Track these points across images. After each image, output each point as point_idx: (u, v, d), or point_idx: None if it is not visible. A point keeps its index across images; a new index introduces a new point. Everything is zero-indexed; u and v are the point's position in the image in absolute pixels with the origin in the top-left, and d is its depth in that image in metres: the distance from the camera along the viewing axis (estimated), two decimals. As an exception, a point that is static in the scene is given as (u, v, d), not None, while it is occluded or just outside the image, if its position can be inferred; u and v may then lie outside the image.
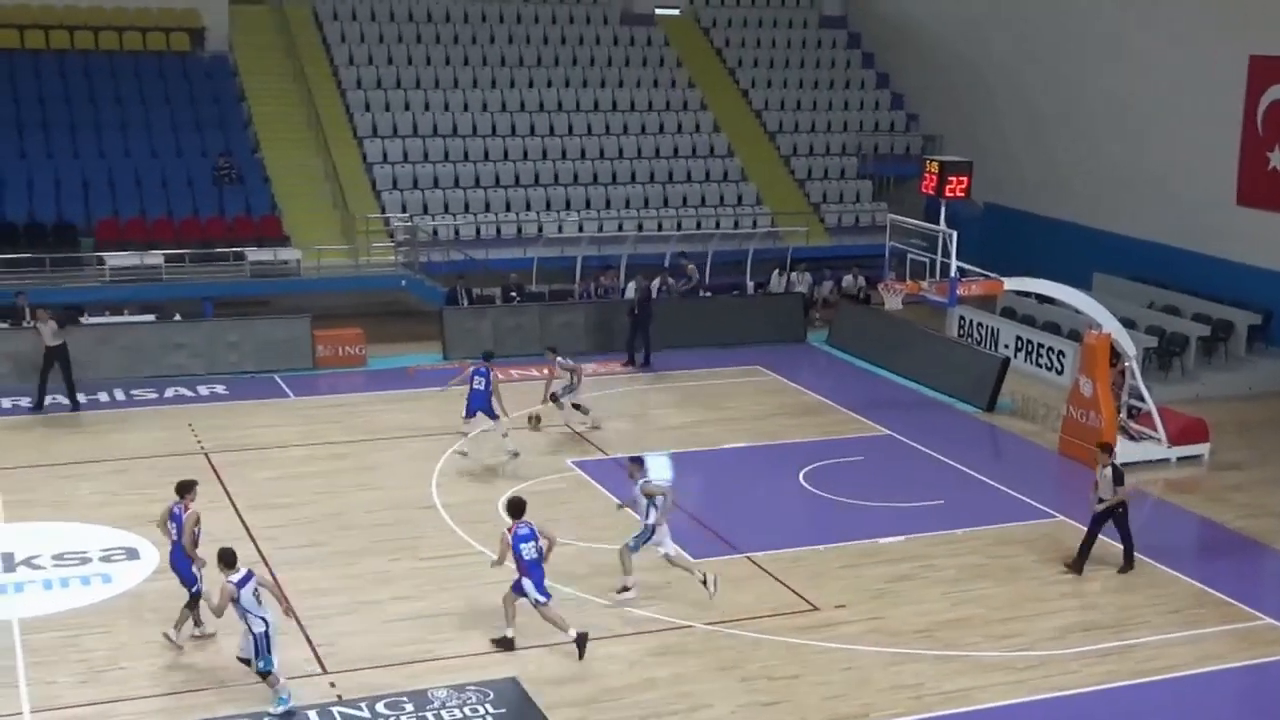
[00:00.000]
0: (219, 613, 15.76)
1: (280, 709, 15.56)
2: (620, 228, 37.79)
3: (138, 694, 16.09)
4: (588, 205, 38.75)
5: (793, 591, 19.36)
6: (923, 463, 25.52)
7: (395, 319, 34.39)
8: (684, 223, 38.71)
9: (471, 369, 24.95)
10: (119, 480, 23.24)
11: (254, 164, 37.30)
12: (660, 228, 38.23)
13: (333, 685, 16.33)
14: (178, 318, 31.73)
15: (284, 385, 29.69)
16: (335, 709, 15.68)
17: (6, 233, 33.30)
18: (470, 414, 24.58)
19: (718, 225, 38.74)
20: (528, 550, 17.16)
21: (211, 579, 16.66)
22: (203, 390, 29.22)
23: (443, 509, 22.19)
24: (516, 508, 17.55)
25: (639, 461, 19.53)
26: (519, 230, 37.31)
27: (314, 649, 17.25)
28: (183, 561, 17.21)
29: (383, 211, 36.68)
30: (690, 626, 18.11)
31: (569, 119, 41.03)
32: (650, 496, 18.82)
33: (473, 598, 18.62)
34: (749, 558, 20.54)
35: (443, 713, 15.62)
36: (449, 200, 37.64)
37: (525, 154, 39.68)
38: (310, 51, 40.91)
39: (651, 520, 18.79)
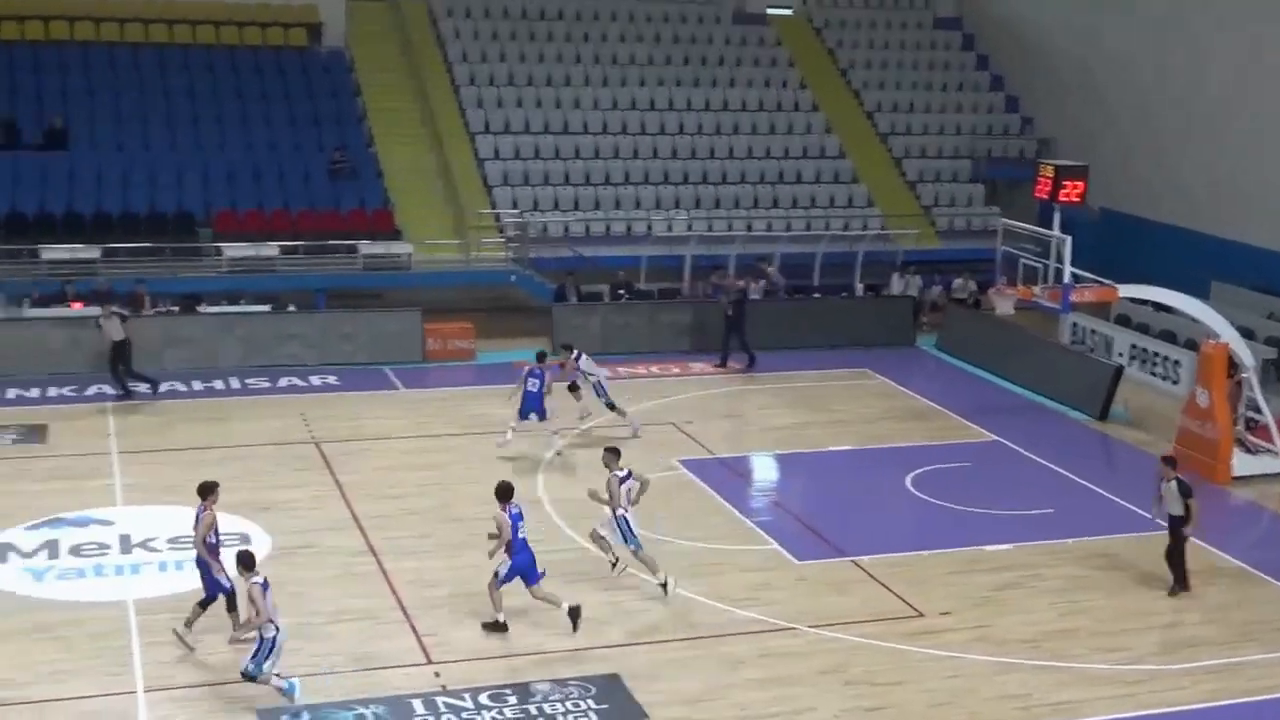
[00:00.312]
0: (258, 618, 15.46)
1: (293, 694, 15.54)
2: (729, 227, 37.74)
3: (248, 677, 16.36)
4: (697, 204, 38.77)
5: (897, 597, 19.24)
6: (1032, 470, 25.23)
7: (504, 314, 34.64)
8: (793, 224, 38.57)
9: (526, 369, 25.04)
10: (234, 467, 23.63)
11: (368, 158, 37.79)
12: (769, 228, 38.13)
13: (437, 675, 16.51)
14: (292, 309, 32.24)
15: (394, 377, 30.06)
16: (439, 699, 15.84)
17: (129, 222, 34.06)
18: (524, 415, 24.70)
19: (827, 227, 38.54)
20: (522, 529, 17.68)
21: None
22: (315, 380, 29.65)
23: (548, 504, 22.33)
24: (505, 491, 17.87)
25: (615, 453, 19.46)
26: (628, 228, 37.40)
27: (419, 639, 17.44)
28: (200, 563, 17.12)
29: (493, 207, 36.94)
30: (794, 629, 18.07)
31: (680, 118, 41.07)
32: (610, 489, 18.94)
33: (576, 593, 18.70)
34: (854, 561, 20.44)
35: (545, 706, 15.72)
36: (559, 197, 37.83)
37: (636, 152, 39.78)
38: (425, 47, 41.34)
39: (621, 510, 18.87)
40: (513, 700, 15.83)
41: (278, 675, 15.59)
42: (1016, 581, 19.95)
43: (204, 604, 17.09)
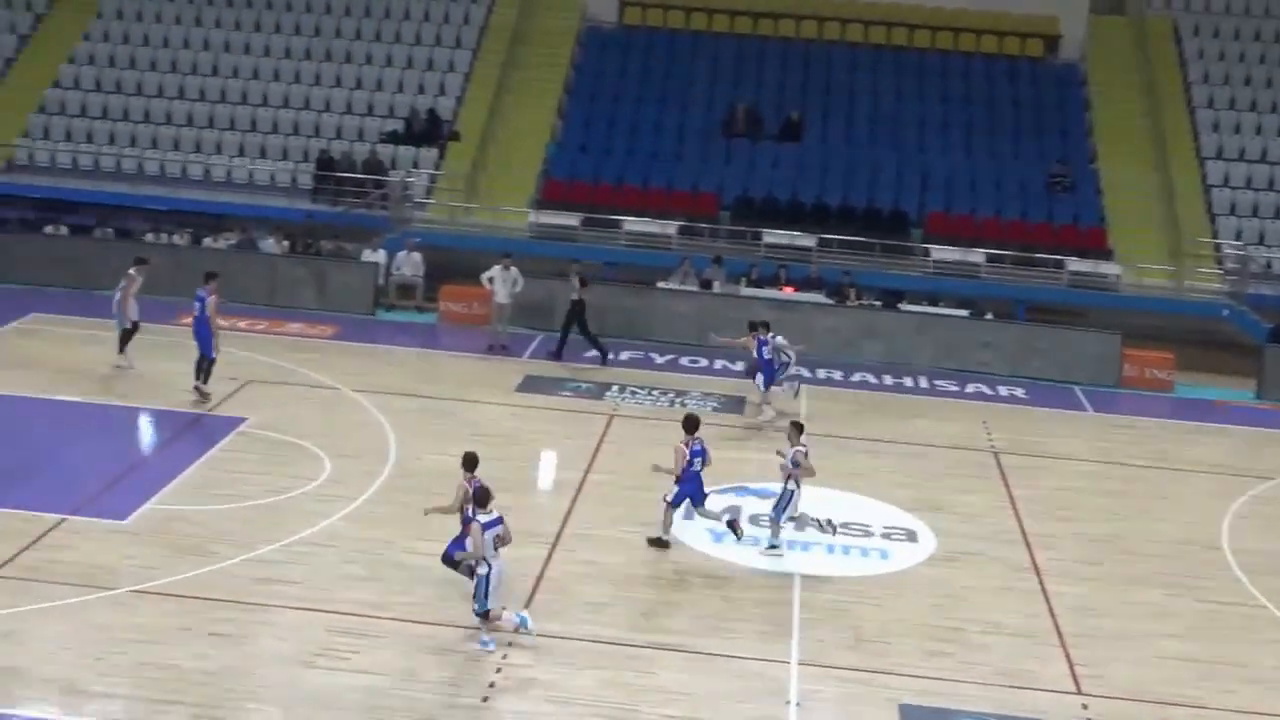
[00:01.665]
0: (478, 554, 15.87)
1: (485, 650, 15.96)
2: None
3: (900, 670, 16.54)
4: None
5: None
6: None
7: (1209, 349, 32.89)
8: None
9: (756, 344, 25.57)
10: (911, 464, 24.07)
11: (1088, 175, 37.12)
12: None
13: (1084, 707, 16.02)
14: (989, 316, 32.33)
15: (1083, 398, 29.41)
16: (1085, 730, 15.42)
17: (845, 215, 35.42)
18: (774, 384, 25.88)
19: None
20: (696, 463, 19.34)
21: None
22: (1002, 390, 29.56)
23: (1230, 553, 21.04)
24: (693, 424, 19.66)
25: (799, 428, 19.91)
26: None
27: (1071, 667, 16.99)
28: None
29: (1215, 236, 35.24)
30: None
31: None
32: (797, 464, 19.48)
33: (1250, 652, 17.55)
34: None
35: (1196, 764, 14.91)
36: (1291, 233, 35.48)
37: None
38: (1164, 66, 39.91)
39: (792, 487, 19.49)
40: (1161, 750, 15.13)
41: (505, 609, 16.28)
42: None
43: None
